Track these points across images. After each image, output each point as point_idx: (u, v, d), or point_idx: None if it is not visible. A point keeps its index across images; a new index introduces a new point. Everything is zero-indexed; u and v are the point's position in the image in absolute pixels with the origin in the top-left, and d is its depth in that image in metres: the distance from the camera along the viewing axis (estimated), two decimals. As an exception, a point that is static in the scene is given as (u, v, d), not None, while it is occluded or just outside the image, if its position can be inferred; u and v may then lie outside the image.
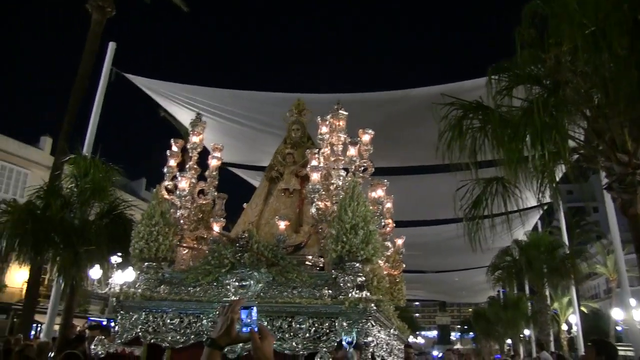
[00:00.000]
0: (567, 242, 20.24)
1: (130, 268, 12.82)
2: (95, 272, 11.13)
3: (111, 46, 13.64)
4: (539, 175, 6.80)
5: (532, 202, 10.87)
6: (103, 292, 19.49)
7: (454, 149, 7.18)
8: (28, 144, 26.71)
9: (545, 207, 16.36)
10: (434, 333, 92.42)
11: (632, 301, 16.77)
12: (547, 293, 21.01)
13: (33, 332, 17.94)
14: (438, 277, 29.05)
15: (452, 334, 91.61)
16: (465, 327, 72.21)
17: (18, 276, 22.62)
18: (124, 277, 14.44)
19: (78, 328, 12.20)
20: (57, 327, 12.81)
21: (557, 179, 7.25)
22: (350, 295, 5.30)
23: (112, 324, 19.68)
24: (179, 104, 13.47)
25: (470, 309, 60.65)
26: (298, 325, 5.43)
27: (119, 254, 10.24)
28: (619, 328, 34.04)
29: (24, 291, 21.18)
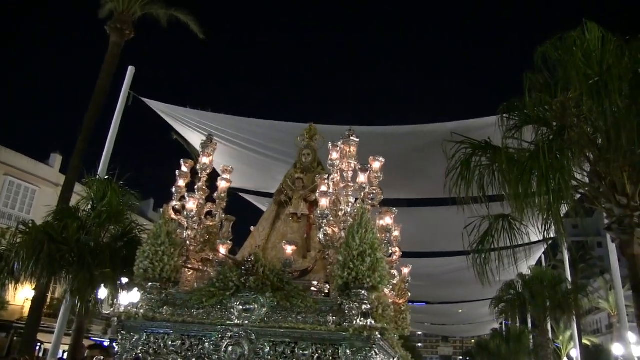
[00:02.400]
0: (570, 277, 20.31)
1: (135, 289, 12.95)
2: (101, 292, 11.24)
3: (130, 70, 13.80)
4: (545, 213, 7.01)
5: (537, 237, 11.04)
6: (107, 312, 19.54)
7: (462, 185, 7.41)
8: (38, 160, 26.76)
9: (550, 242, 16.53)
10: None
11: (632, 337, 16.81)
12: (549, 327, 21.02)
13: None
14: (442, 309, 28.99)
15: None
16: (468, 358, 71.24)
17: (20, 294, 22.18)
18: (129, 298, 14.55)
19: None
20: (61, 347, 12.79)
21: (562, 214, 7.45)
22: (355, 322, 5.30)
23: (115, 345, 19.71)
24: (192, 129, 13.70)
25: (473, 340, 59.99)
26: (301, 352, 5.42)
27: (128, 275, 10.34)
28: (620, 364, 33.75)
29: (25, 309, 21.19)
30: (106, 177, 11.03)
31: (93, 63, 16.39)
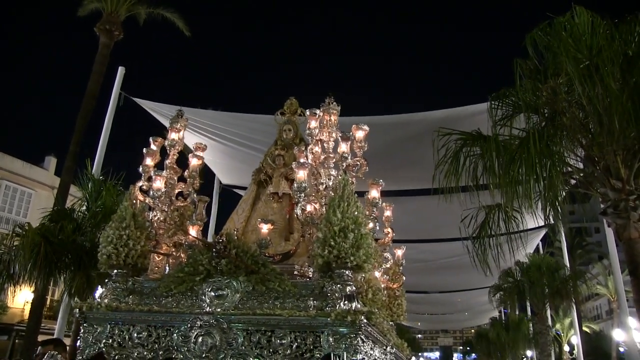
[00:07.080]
0: (568, 263, 20.40)
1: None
2: (98, 292, 11.18)
3: (120, 71, 13.75)
4: (533, 202, 6.98)
5: (534, 224, 11.05)
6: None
7: (454, 175, 7.39)
8: (33, 163, 26.75)
9: (547, 229, 16.59)
10: (436, 354, 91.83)
11: (632, 322, 16.89)
12: (549, 314, 21.13)
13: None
14: (440, 298, 29.04)
15: (454, 355, 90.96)
16: (468, 348, 71.65)
17: (20, 296, 22.28)
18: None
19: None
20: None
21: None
22: (337, 306, 4.77)
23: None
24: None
25: (473, 330, 60.36)
26: (278, 341, 4.85)
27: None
28: (621, 349, 33.91)
29: (25, 312, 21.24)
30: (100, 177, 10.97)
31: (86, 64, 16.27)
